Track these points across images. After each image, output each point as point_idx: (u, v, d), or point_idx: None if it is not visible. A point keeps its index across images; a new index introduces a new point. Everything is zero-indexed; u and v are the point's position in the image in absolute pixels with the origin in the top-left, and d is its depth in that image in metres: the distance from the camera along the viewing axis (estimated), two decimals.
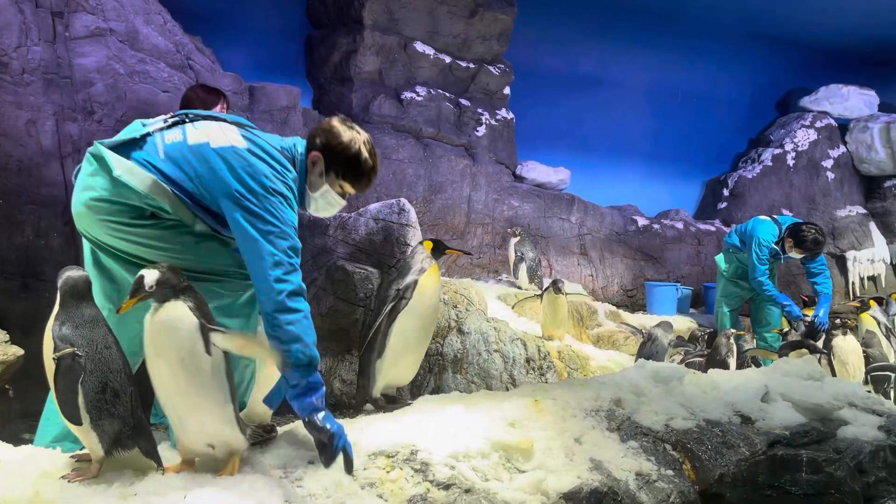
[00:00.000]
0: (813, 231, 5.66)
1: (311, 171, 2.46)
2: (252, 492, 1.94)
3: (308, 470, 2.14)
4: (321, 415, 2.17)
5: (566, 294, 5.39)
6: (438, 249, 3.36)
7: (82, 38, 4.43)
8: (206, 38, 5.55)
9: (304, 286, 2.24)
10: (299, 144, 2.48)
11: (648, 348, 4.97)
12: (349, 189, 2.52)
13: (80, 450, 2.13)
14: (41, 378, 1.99)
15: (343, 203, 2.56)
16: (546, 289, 5.41)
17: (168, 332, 1.95)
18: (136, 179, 2.23)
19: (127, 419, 1.95)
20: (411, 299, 3.13)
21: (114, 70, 4.48)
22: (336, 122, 2.47)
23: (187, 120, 2.40)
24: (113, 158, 2.25)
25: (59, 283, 1.98)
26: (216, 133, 2.32)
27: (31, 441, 2.37)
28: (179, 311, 1.97)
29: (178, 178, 2.28)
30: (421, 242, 3.38)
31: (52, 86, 4.24)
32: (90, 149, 2.30)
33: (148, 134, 2.36)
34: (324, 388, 2.20)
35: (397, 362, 3.20)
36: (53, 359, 1.87)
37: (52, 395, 2.06)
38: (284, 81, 5.83)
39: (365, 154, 2.47)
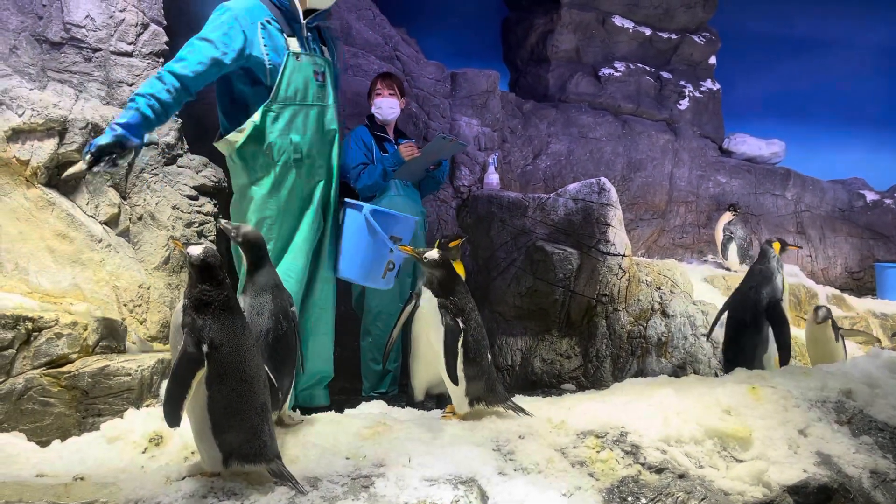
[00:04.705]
0: None
1: None
2: (467, 461, 2.05)
3: (519, 445, 2.20)
4: None
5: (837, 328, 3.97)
6: (784, 247, 3.74)
7: None
8: (409, 29, 5.79)
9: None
10: None
11: None
12: None
13: None
14: None
15: None
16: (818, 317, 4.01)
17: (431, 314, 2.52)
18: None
19: None
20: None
21: None
22: None
23: None
24: None
25: None
26: None
27: None
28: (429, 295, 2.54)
29: None
30: (770, 242, 3.71)
31: None
32: None
33: None
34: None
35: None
36: None
37: None
38: (483, 66, 5.93)
39: None
